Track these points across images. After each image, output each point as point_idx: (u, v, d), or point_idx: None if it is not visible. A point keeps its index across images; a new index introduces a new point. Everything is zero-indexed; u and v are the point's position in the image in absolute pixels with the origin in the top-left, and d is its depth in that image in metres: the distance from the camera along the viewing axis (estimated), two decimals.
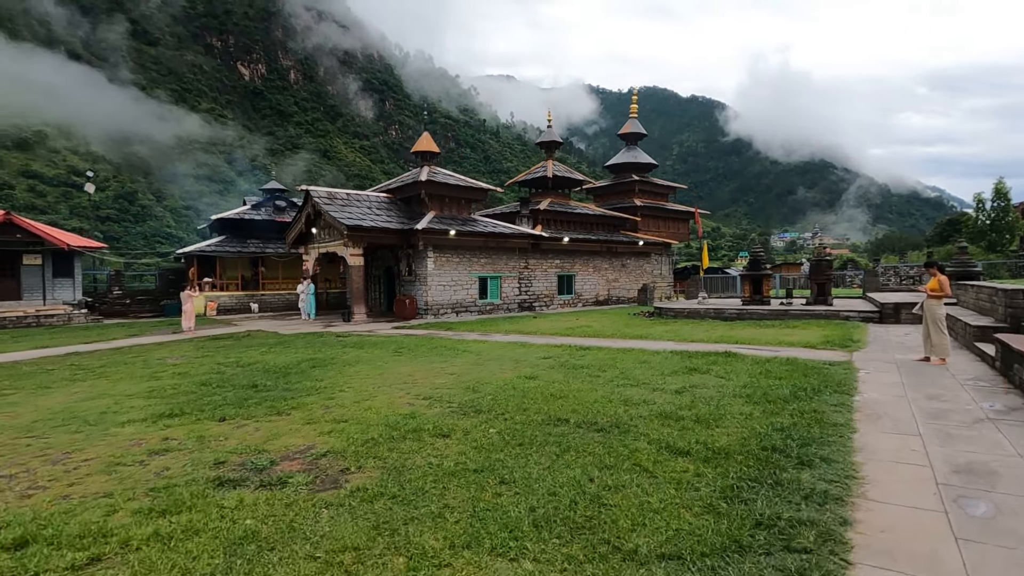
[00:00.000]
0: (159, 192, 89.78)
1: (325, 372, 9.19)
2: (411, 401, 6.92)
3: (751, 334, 13.46)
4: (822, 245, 19.49)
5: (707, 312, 17.98)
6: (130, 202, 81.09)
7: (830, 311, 16.16)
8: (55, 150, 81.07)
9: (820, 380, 7.40)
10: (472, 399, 6.85)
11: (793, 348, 10.87)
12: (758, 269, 18.72)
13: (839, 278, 40.32)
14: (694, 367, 8.72)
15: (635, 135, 35.07)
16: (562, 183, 29.55)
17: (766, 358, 9.39)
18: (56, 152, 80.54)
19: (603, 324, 17.34)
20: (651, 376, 8.12)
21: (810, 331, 13.58)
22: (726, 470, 4.17)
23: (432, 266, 21.06)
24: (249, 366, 10.03)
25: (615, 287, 29.04)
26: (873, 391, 6.91)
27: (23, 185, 67.19)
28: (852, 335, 12.38)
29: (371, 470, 4.46)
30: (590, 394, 6.97)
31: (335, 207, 20.56)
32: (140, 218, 79.74)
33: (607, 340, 13.09)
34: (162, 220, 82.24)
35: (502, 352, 11.19)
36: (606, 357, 10.10)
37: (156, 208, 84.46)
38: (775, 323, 15.55)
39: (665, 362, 9.39)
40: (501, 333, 15.27)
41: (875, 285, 24.81)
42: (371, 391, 7.59)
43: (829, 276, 18.09)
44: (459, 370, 9.16)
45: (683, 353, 10.33)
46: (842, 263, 59.20)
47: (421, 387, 7.77)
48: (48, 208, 65.99)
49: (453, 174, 24.49)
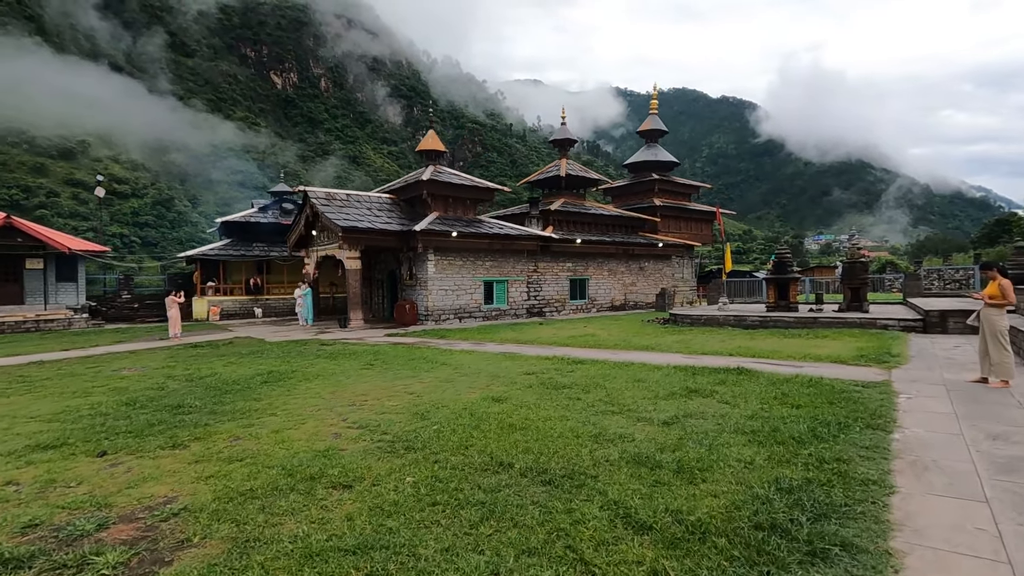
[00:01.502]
0: (194, 198, 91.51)
1: (272, 389, 8.10)
2: (341, 431, 5.75)
3: (772, 345, 11.93)
4: (856, 246, 17.68)
5: (726, 319, 16.41)
6: (167, 208, 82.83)
7: (865, 319, 14.44)
8: (97, 159, 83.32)
9: (848, 410, 5.95)
10: (413, 430, 5.64)
11: (819, 364, 9.35)
12: (784, 272, 17.05)
13: (877, 282, 37.82)
14: (696, 388, 7.33)
15: (655, 132, 33.43)
16: (576, 183, 28.18)
17: (785, 377, 7.93)
18: (98, 161, 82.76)
19: (611, 332, 15.96)
20: (641, 400, 6.78)
21: (841, 343, 11.97)
22: (696, 567, 2.84)
23: (433, 269, 19.97)
24: (199, 380, 9.02)
25: (632, 292, 27.49)
26: (917, 425, 5.45)
27: (67, 193, 69.25)
28: (891, 348, 10.76)
29: (215, 543, 3.29)
30: (558, 424, 5.69)
31: (332, 208, 19.66)
32: (176, 224, 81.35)
33: (608, 352, 11.74)
34: (197, 225, 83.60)
35: (483, 366, 9.96)
36: (597, 373, 8.77)
37: (192, 214, 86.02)
38: (801, 333, 13.92)
39: (664, 380, 8.02)
40: (496, 342, 14.03)
41: (917, 289, 22.75)
42: (305, 415, 6.45)
43: (865, 280, 16.32)
44: (423, 388, 7.97)
45: (688, 369, 8.93)
46: (880, 266, 56.13)
47: (366, 411, 6.60)
48: (90, 215, 67.70)
49: (459, 173, 23.40)
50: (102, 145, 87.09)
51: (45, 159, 73.00)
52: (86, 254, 23.54)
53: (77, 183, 72.10)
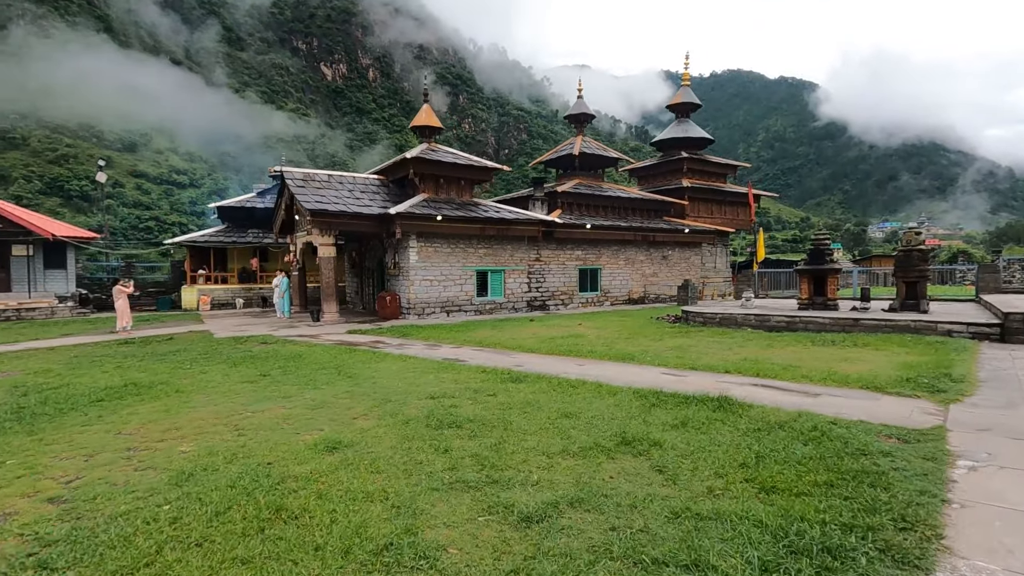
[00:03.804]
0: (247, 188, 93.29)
1: (80, 416, 6.20)
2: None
3: (790, 357, 9.20)
4: (914, 230, 14.40)
5: (746, 319, 13.58)
6: (222, 197, 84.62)
7: (922, 322, 11.35)
8: (159, 151, 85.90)
9: (861, 504, 3.42)
10: (109, 516, 3.51)
11: (844, 391, 6.69)
12: (821, 262, 14.00)
13: (945, 274, 33.33)
14: (635, 436, 4.89)
15: (687, 106, 30.04)
16: (592, 162, 25.40)
17: (780, 419, 5.38)
18: (160, 153, 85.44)
19: (603, 333, 13.46)
20: (536, 456, 4.44)
21: (884, 355, 9.12)
22: None
23: (415, 257, 17.88)
24: (29, 393, 7.24)
25: (653, 283, 24.59)
26: (983, 549, 2.87)
27: (131, 184, 71.65)
28: (952, 366, 7.89)
29: None
30: (359, 511, 3.46)
31: (308, 190, 17.85)
32: None
33: (575, 361, 9.33)
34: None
35: (396, 382, 7.77)
36: (523, 400, 6.43)
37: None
38: (836, 338, 11.01)
39: (601, 416, 5.63)
40: (452, 344, 11.81)
41: (994, 284, 18.90)
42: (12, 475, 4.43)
43: (923, 272, 13.10)
44: (271, 418, 5.88)
45: (652, 396, 6.45)
46: (951, 255, 50.39)
47: (117, 468, 4.54)
48: (152, 204, 69.87)
49: (453, 151, 21.14)
50: (162, 137, 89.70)
51: (111, 152, 75.78)
52: (72, 240, 22.70)
53: (140, 174, 74.58)
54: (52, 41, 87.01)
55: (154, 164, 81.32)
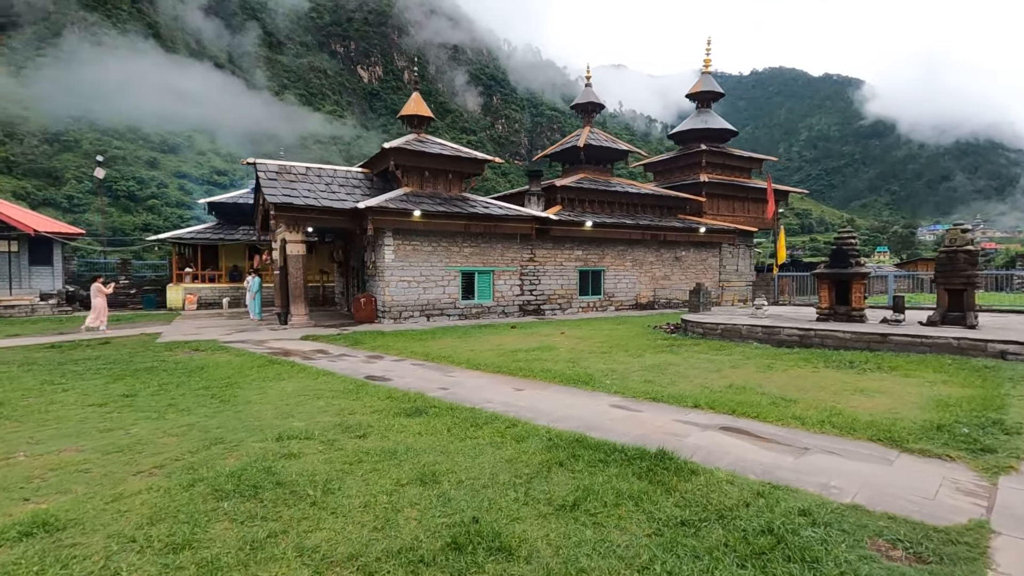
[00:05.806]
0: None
1: None
2: None
3: (790, 384, 7.24)
4: (960, 227, 12.18)
5: (751, 332, 11.52)
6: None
7: (967, 340, 9.14)
8: (201, 152, 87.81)
9: None
10: None
11: (844, 443, 4.78)
12: (844, 264, 11.82)
13: (1002, 280, 29.91)
14: (484, 532, 3.17)
15: (707, 95, 27.70)
16: (600, 155, 23.43)
17: (727, 501, 3.57)
18: (202, 154, 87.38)
19: (583, 344, 11.65)
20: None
21: (912, 385, 7.06)
22: None
23: (391, 256, 16.36)
24: None
25: (664, 287, 22.45)
26: None
27: (174, 184, 73.29)
28: (1005, 406, 5.84)
29: None
30: None
31: (279, 183, 16.56)
32: None
33: (516, 384, 7.59)
34: None
35: (263, 410, 6.20)
36: (390, 448, 4.75)
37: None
38: (856, 358, 8.91)
39: (473, 484, 3.92)
40: (396, 356, 10.18)
41: None
42: None
43: (972, 278, 10.79)
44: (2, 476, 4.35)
45: (573, 444, 4.69)
46: (1009, 259, 46.20)
47: None
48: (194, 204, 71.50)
49: (442, 142, 19.56)
50: (204, 139, 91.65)
51: (157, 153, 77.80)
52: (56, 236, 22.08)
53: (183, 175, 76.33)
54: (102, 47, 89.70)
55: (196, 165, 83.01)
